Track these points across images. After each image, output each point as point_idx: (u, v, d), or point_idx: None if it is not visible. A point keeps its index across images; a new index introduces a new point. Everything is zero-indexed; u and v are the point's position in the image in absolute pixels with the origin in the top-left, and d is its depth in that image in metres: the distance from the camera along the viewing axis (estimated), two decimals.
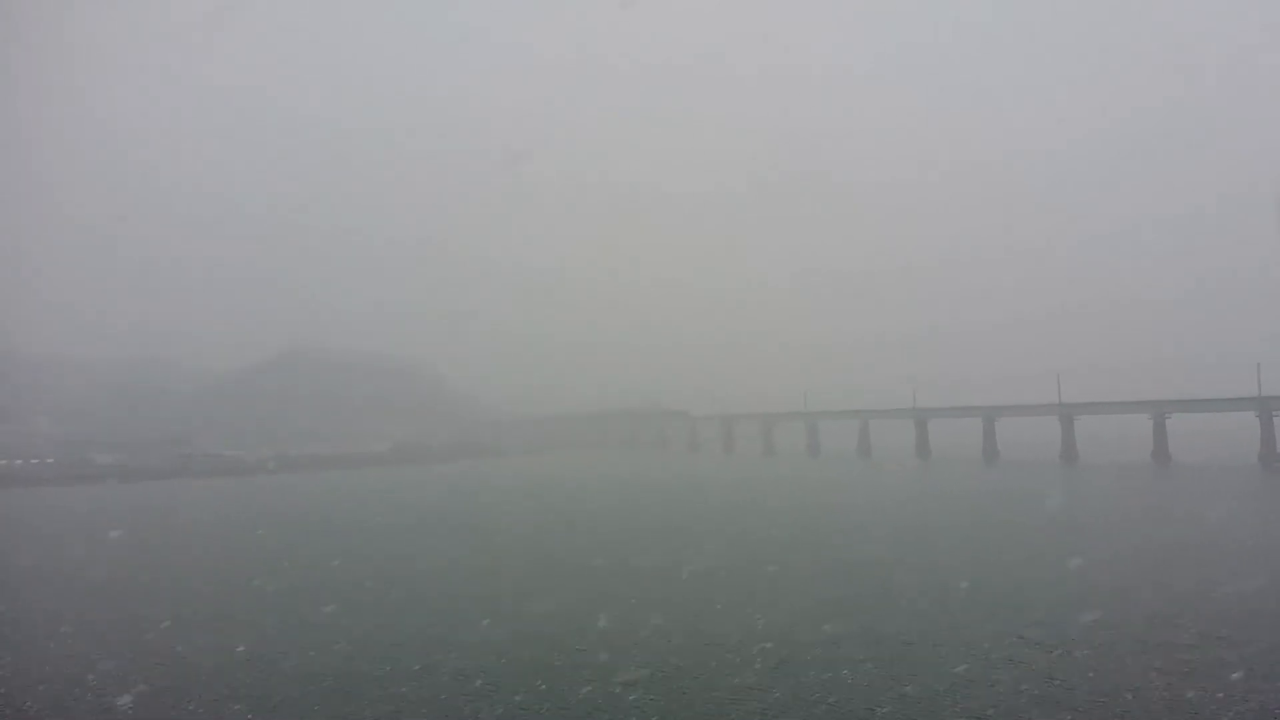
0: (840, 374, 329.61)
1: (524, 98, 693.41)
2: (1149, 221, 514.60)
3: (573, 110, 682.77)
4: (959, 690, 31.61)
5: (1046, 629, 39.01)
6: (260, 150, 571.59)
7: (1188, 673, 32.84)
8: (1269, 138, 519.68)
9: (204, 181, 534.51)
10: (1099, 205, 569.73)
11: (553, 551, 68.08)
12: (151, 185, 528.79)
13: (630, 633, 40.22)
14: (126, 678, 34.87)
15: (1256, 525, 76.93)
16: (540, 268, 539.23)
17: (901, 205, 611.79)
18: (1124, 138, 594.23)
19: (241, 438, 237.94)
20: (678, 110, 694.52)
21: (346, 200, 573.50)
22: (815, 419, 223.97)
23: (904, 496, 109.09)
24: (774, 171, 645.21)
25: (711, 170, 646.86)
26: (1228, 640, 36.64)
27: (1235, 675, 31.95)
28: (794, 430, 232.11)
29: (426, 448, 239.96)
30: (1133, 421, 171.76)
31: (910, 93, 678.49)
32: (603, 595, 49.22)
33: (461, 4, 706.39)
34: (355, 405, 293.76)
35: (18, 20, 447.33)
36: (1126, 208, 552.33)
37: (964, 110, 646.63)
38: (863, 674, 33.61)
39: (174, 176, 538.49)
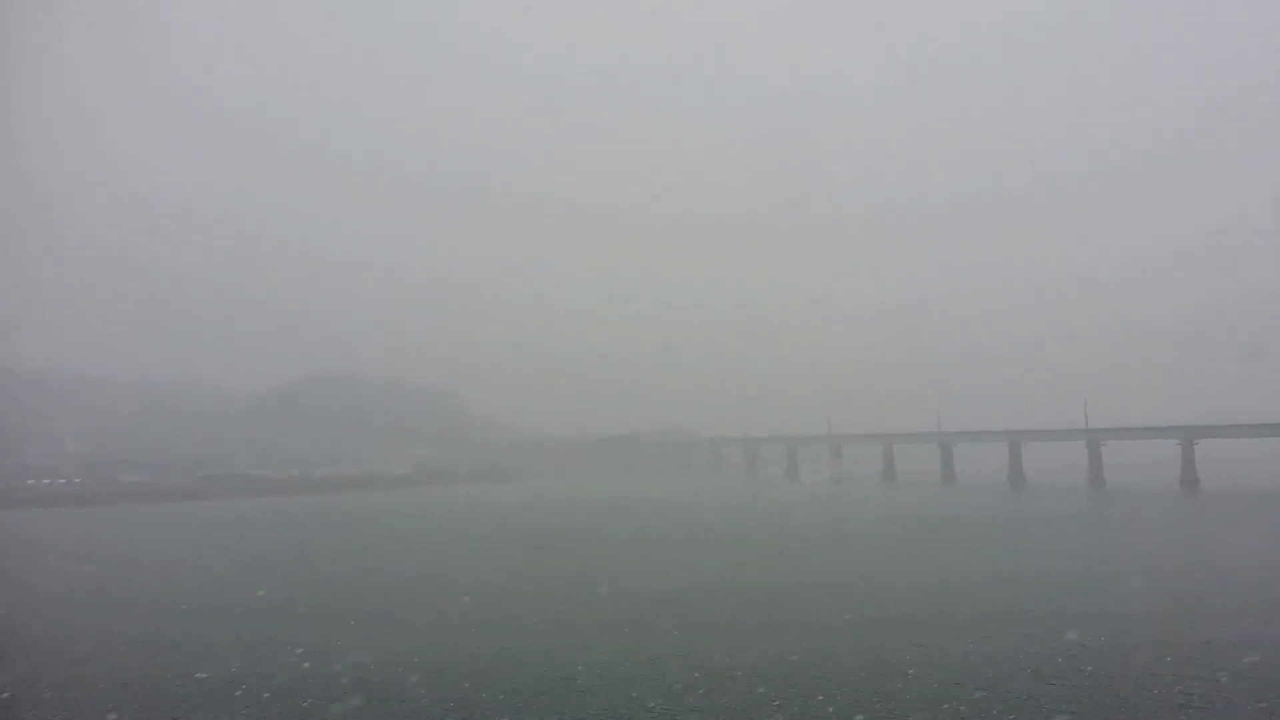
0: (865, 399, 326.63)
1: (534, 114, 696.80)
2: (1174, 245, 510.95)
3: (587, 128, 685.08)
4: None
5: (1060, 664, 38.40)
6: (284, 176, 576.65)
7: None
8: None
9: (230, 207, 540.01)
10: (1124, 229, 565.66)
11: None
12: (182, 208, 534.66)
13: None
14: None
15: None
16: (565, 289, 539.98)
17: (921, 230, 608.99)
18: (1147, 159, 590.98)
19: (266, 459, 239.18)
20: (697, 126, 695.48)
21: (368, 224, 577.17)
22: (839, 442, 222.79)
23: (929, 520, 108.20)
24: (792, 194, 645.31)
25: (728, 192, 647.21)
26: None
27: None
28: (818, 454, 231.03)
29: (449, 470, 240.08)
30: (1161, 447, 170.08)
31: (928, 118, 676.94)
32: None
33: (465, 24, 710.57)
34: (378, 428, 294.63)
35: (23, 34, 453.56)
36: (1149, 227, 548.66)
37: (985, 136, 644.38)
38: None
39: (201, 202, 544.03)
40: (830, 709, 32.27)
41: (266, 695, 35.07)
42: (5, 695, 35.96)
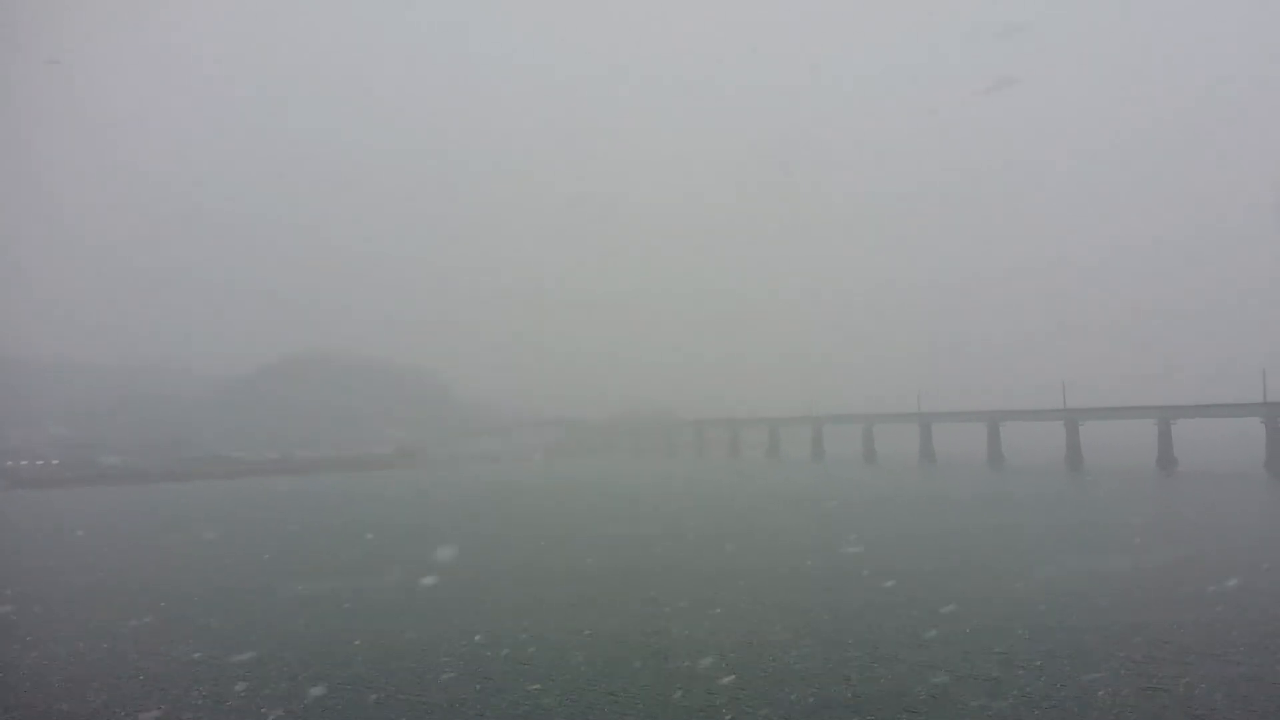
0: (847, 383, 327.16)
1: (518, 106, 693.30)
2: (1153, 229, 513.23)
3: (573, 119, 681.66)
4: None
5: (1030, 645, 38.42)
6: (268, 157, 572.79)
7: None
8: (1272, 144, 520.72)
9: (212, 187, 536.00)
10: (1102, 214, 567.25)
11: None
12: (160, 191, 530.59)
13: None
14: None
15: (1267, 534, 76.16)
16: (547, 274, 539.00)
17: (905, 217, 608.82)
18: (1128, 146, 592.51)
19: (247, 440, 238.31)
20: (679, 118, 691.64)
21: (352, 206, 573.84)
22: (820, 423, 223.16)
23: (903, 501, 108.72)
24: (778, 182, 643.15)
25: (715, 179, 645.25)
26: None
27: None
28: (799, 435, 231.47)
29: (429, 452, 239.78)
30: (1139, 428, 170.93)
31: (911, 106, 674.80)
32: None
33: (452, 14, 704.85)
34: (360, 410, 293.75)
35: (22, 27, 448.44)
36: (1129, 216, 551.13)
37: (966, 123, 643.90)
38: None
39: (183, 183, 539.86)
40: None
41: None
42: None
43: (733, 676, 32.62)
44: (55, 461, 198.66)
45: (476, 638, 39.33)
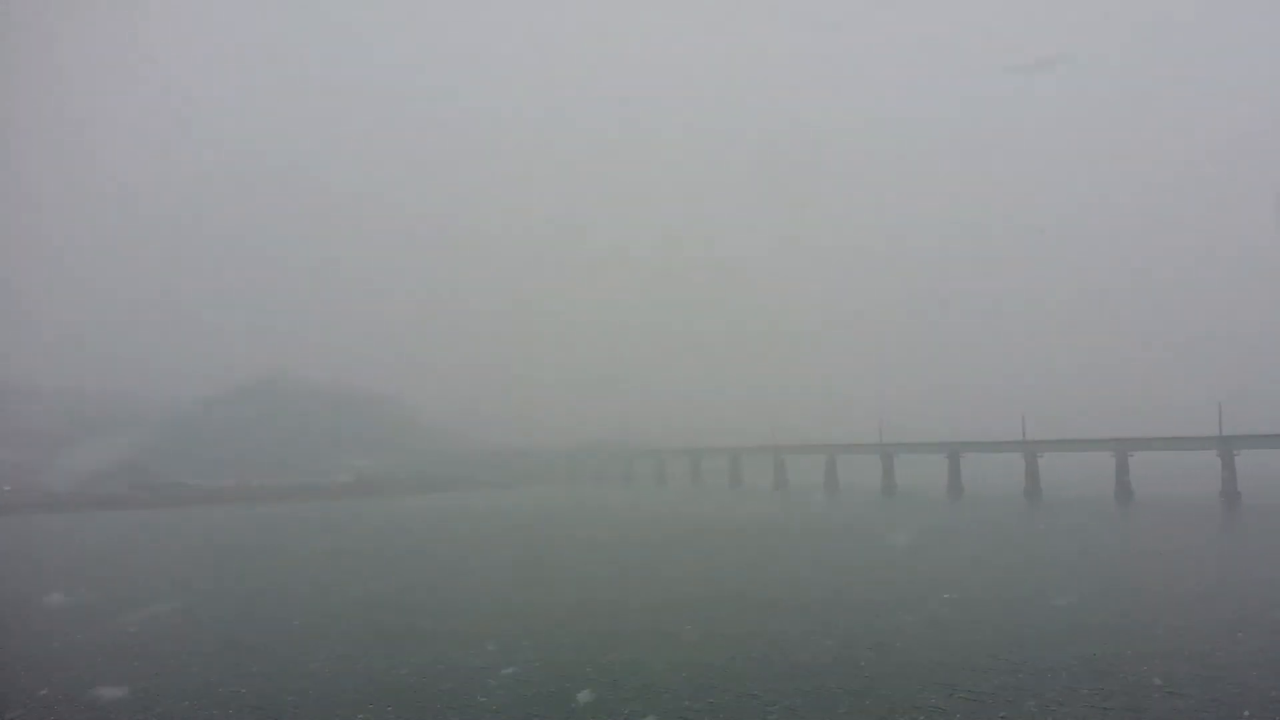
0: (809, 412, 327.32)
1: (506, 108, 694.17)
2: (1119, 260, 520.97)
3: (567, 127, 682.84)
4: None
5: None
6: (229, 178, 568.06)
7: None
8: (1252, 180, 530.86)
9: (170, 207, 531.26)
10: (1062, 246, 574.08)
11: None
12: (116, 213, 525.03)
13: None
14: None
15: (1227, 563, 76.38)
16: (516, 296, 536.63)
17: (876, 247, 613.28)
18: (1128, 178, 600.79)
19: (205, 467, 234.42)
20: (664, 127, 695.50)
21: (317, 229, 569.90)
22: (782, 453, 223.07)
23: (867, 530, 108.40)
24: (749, 211, 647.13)
25: (687, 212, 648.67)
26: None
27: None
28: (762, 465, 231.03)
29: (392, 480, 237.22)
30: (1097, 459, 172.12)
31: (887, 120, 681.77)
32: None
33: (438, 19, 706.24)
34: (323, 436, 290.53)
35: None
36: (1094, 245, 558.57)
37: (930, 150, 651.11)
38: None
39: (141, 202, 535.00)
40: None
41: None
42: None
43: None
44: (6, 487, 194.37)
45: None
